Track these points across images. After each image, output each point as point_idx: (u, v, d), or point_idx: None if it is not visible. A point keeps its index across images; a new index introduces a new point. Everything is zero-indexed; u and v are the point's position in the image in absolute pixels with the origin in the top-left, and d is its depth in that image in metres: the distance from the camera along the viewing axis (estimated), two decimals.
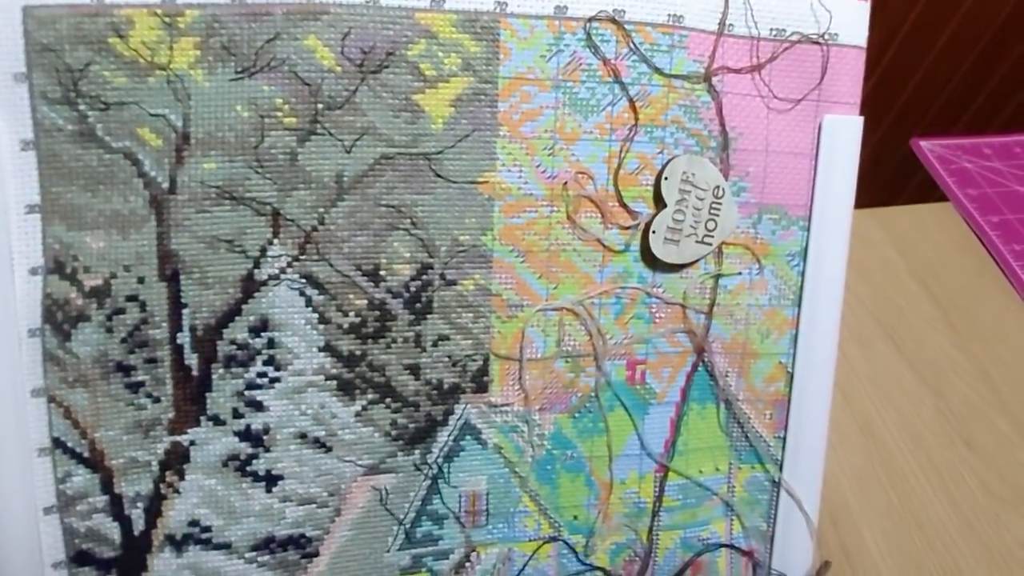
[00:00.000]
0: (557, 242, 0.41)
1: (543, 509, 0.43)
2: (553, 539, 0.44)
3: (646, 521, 0.45)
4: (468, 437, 0.42)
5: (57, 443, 0.37)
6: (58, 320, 0.36)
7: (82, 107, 0.34)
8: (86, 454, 0.38)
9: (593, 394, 0.43)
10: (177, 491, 0.39)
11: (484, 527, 0.43)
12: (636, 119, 0.40)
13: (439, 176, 0.39)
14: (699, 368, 0.44)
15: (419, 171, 0.39)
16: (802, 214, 0.43)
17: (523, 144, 0.40)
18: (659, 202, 0.41)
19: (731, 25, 0.40)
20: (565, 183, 0.40)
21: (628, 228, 0.42)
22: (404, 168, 0.38)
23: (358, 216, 0.38)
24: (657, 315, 0.43)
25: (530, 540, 0.44)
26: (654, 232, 0.41)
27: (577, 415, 0.43)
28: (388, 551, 0.42)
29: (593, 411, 0.43)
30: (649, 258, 0.42)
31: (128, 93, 0.35)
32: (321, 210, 0.38)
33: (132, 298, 0.37)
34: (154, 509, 0.39)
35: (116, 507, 0.38)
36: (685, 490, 0.45)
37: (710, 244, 0.42)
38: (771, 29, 0.41)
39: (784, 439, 0.45)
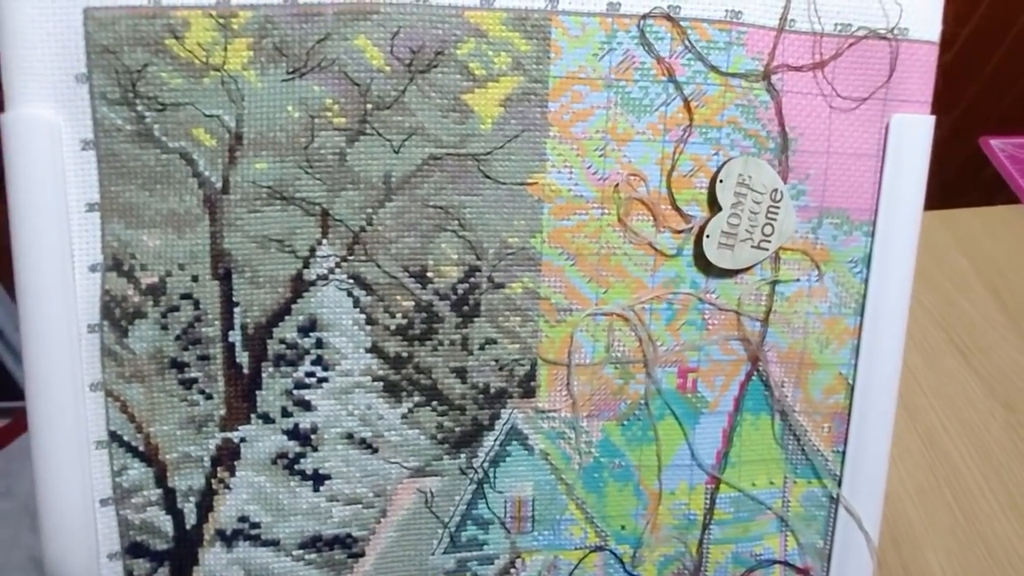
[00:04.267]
0: (608, 245, 0.38)
1: (590, 518, 0.40)
2: (599, 548, 0.41)
3: (696, 534, 0.41)
4: (514, 442, 0.39)
5: (114, 436, 0.36)
6: (116, 316, 0.35)
7: (140, 107, 0.33)
8: (141, 448, 0.36)
9: (643, 401, 0.40)
10: (228, 487, 0.37)
11: (529, 533, 0.40)
12: (691, 119, 0.37)
13: (488, 177, 0.36)
14: (753, 377, 0.40)
15: (467, 172, 0.36)
16: (866, 219, 0.39)
17: (574, 145, 0.37)
18: (714, 205, 0.38)
19: (792, 21, 0.36)
20: (616, 185, 0.37)
21: (681, 232, 0.38)
22: (452, 168, 0.36)
23: (406, 217, 0.36)
24: (710, 322, 0.39)
25: (576, 548, 0.41)
26: (708, 236, 0.38)
27: (626, 423, 0.40)
28: (433, 554, 0.39)
29: (642, 419, 0.40)
30: (703, 263, 0.38)
31: (184, 94, 0.33)
32: (369, 210, 0.36)
33: (186, 296, 0.35)
34: (205, 504, 0.37)
35: (169, 501, 0.37)
36: (737, 503, 0.41)
37: (767, 249, 0.38)
38: (836, 24, 0.37)
39: (843, 453, 0.41)
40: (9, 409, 0.77)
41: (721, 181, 0.37)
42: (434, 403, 0.38)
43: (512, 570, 0.40)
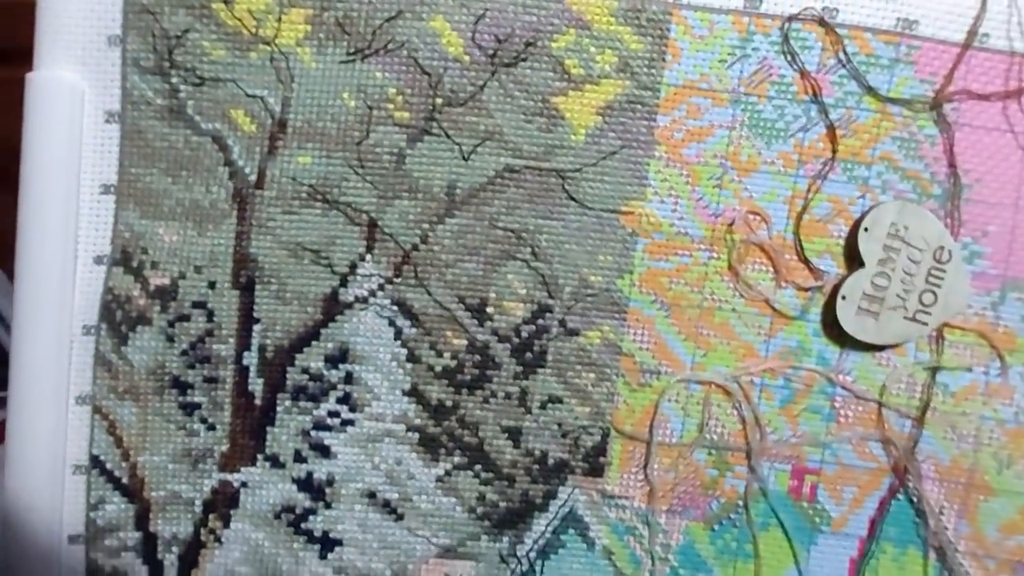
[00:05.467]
0: (713, 297, 0.30)
1: None
2: None
3: None
4: (571, 531, 0.31)
5: (95, 462, 0.30)
6: (117, 319, 0.29)
7: (175, 79, 0.28)
8: (125, 480, 0.30)
9: (741, 503, 0.31)
10: (219, 540, 0.31)
11: None
12: (834, 151, 0.29)
13: (573, 199, 0.29)
14: (899, 496, 0.30)
15: (549, 191, 0.29)
16: None
17: (683, 170, 0.29)
18: (854, 261, 0.29)
19: (985, 36, 0.28)
20: (731, 224, 0.29)
21: (809, 290, 0.30)
22: (531, 185, 0.29)
23: (468, 238, 0.29)
24: (842, 412, 0.30)
25: None
26: (844, 298, 0.29)
27: (717, 527, 0.31)
28: None
29: (739, 526, 0.31)
30: (835, 333, 0.30)
31: (226, 68, 0.28)
32: (425, 226, 0.29)
33: (199, 304, 0.29)
34: (190, 558, 0.31)
35: (148, 548, 0.30)
36: None
37: (925, 324, 0.29)
38: None
39: None
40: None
41: (866, 230, 0.29)
42: (477, 467, 0.30)
43: None
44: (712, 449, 0.30)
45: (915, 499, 0.30)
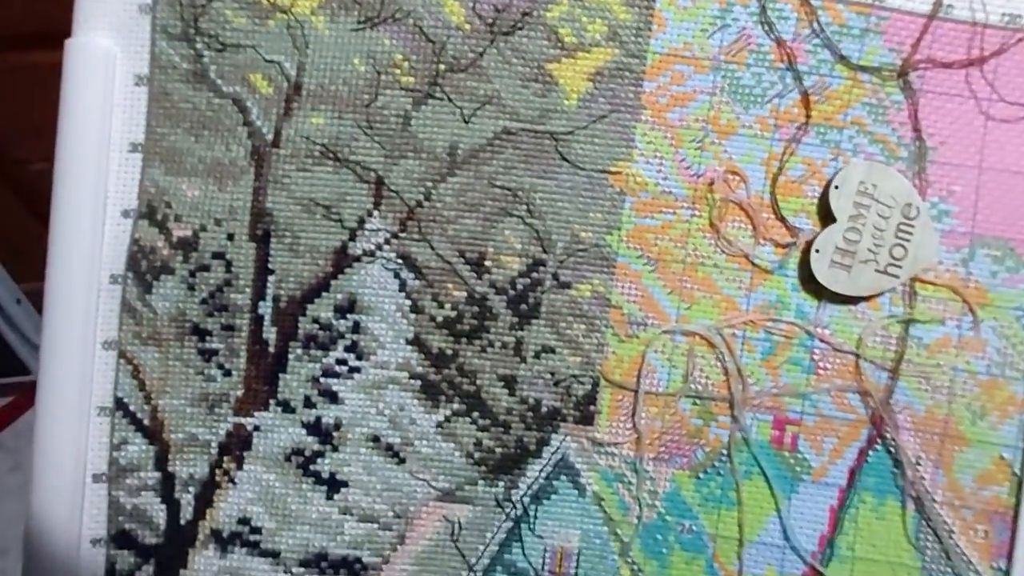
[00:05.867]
0: (695, 253, 0.31)
1: None
2: None
3: None
4: (563, 477, 0.31)
5: (119, 404, 0.31)
6: (142, 269, 0.30)
7: (199, 45, 0.30)
8: (146, 421, 0.31)
9: (725, 452, 0.31)
10: (232, 480, 0.31)
11: None
12: (808, 116, 0.30)
13: (565, 160, 0.30)
14: (877, 446, 0.31)
15: (543, 151, 0.30)
16: None
17: (668, 133, 0.30)
18: (827, 219, 0.30)
19: (949, 7, 0.29)
20: (711, 183, 0.30)
21: (785, 246, 0.31)
22: (527, 146, 0.30)
23: (468, 195, 0.31)
24: (821, 364, 0.31)
25: None
26: (817, 251, 0.30)
27: (702, 475, 0.31)
28: None
29: (723, 474, 0.31)
30: (812, 287, 0.30)
31: (246, 35, 0.30)
32: (429, 184, 0.30)
33: (219, 255, 0.31)
34: (205, 497, 0.31)
35: (167, 487, 0.31)
36: None
37: (896, 276, 0.30)
38: (1003, 15, 0.29)
39: (1007, 572, 0.30)
40: (13, 385, 0.76)
41: (837, 187, 0.30)
42: (475, 414, 0.31)
43: None
44: (697, 399, 0.31)
45: (893, 450, 0.30)
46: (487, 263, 0.31)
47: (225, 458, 0.31)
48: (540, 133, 0.30)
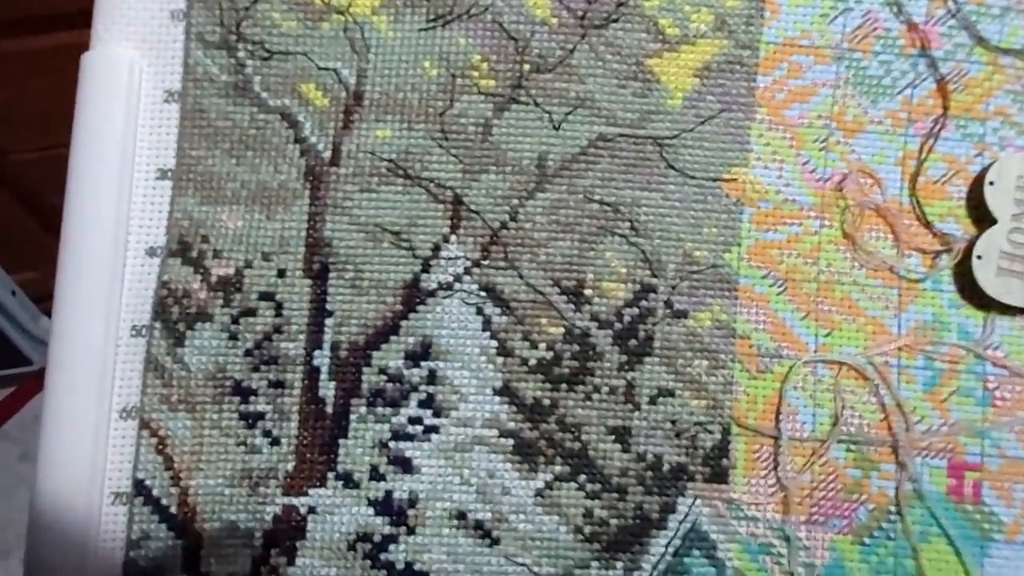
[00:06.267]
0: (830, 269, 0.25)
1: None
2: None
3: None
4: (696, 552, 0.25)
5: (140, 488, 0.24)
6: (172, 317, 0.24)
7: (241, 54, 0.24)
8: (173, 509, 0.24)
9: (893, 509, 0.24)
10: None
11: None
12: (945, 108, 0.25)
13: (672, 168, 0.25)
14: None
15: (646, 159, 0.25)
16: None
17: (787, 133, 0.25)
18: (983, 220, 0.25)
19: None
20: (841, 186, 0.25)
21: (936, 254, 0.25)
22: (627, 154, 0.25)
23: (562, 213, 0.25)
24: (998, 394, 0.25)
25: None
26: (980, 258, 0.24)
27: (868, 540, 0.24)
28: None
29: (894, 537, 0.24)
30: (976, 300, 0.25)
31: (296, 40, 0.25)
32: (515, 202, 0.25)
33: (267, 296, 0.24)
34: None
35: None
36: None
37: None
38: None
39: None
40: (16, 376, 0.72)
41: (992, 183, 0.25)
42: (582, 477, 0.24)
43: None
44: (852, 444, 0.24)
45: None
46: (587, 292, 0.25)
47: (272, 551, 0.24)
48: (641, 138, 0.25)
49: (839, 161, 0.26)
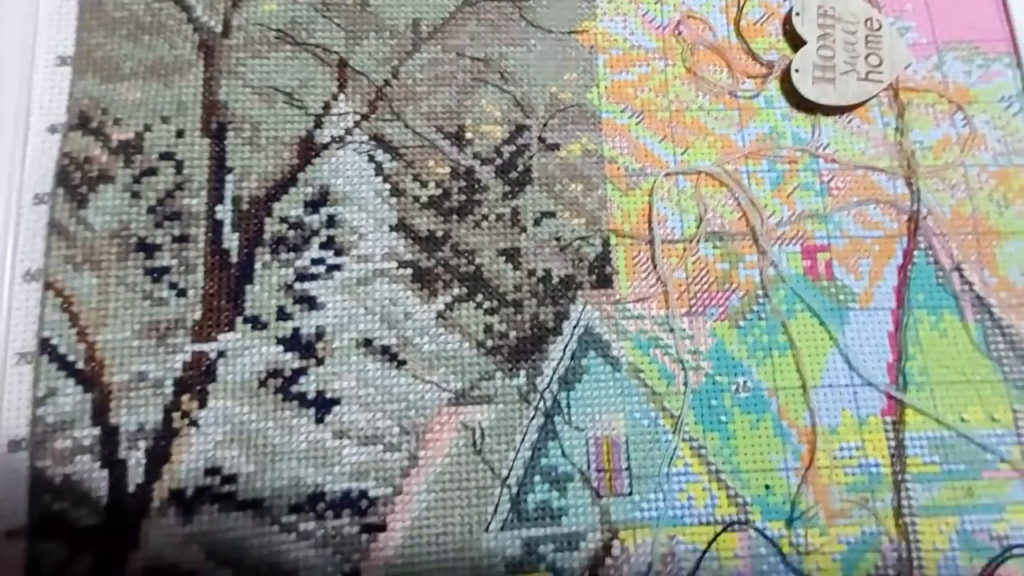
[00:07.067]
0: (678, 99, 0.26)
1: (714, 471, 0.23)
2: (738, 524, 0.23)
3: (887, 498, 0.23)
4: (592, 352, 0.24)
5: (45, 346, 0.22)
6: (74, 182, 0.23)
7: None
8: (80, 364, 0.22)
9: (761, 292, 0.25)
10: (195, 423, 0.22)
11: (626, 497, 0.23)
12: None
13: (532, 25, 0.26)
14: (915, 260, 0.25)
15: (509, 19, 0.26)
16: (1004, 49, 0.27)
17: None
18: (797, 47, 0.27)
19: None
20: (679, 30, 0.27)
21: (764, 78, 0.27)
22: (491, 16, 0.26)
23: (439, 69, 0.25)
24: (833, 185, 0.25)
25: (701, 523, 0.23)
26: (797, 71, 0.26)
27: (743, 323, 0.24)
28: (487, 530, 0.22)
29: (765, 317, 0.24)
30: (803, 108, 0.26)
31: None
32: (395, 62, 0.25)
33: (167, 156, 0.24)
34: (160, 452, 0.22)
35: (109, 446, 0.22)
36: (943, 447, 0.23)
37: (880, 80, 0.26)
38: None
39: None
40: None
41: (798, 14, 0.26)
42: (479, 297, 0.24)
43: (608, 559, 0.22)
44: (718, 241, 0.25)
45: (932, 260, 0.24)
46: (468, 135, 0.25)
47: (184, 397, 0.23)
48: (502, 1, 0.27)
49: (673, 12, 0.27)
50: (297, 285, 0.23)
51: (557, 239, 0.24)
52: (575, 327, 0.24)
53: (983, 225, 0.25)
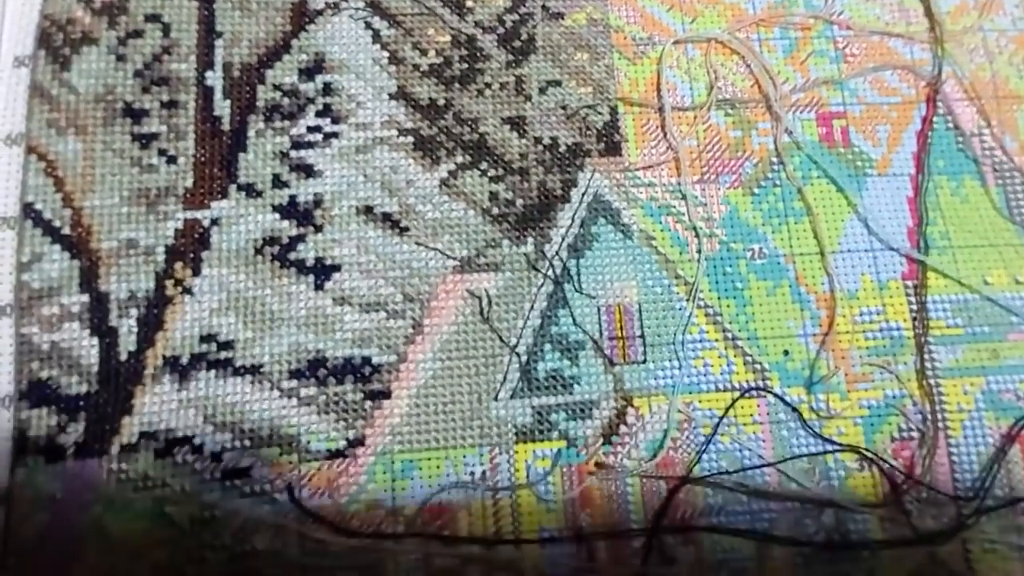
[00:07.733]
0: None
1: (731, 338, 0.22)
2: (756, 390, 0.22)
3: (910, 361, 0.22)
4: (602, 220, 0.23)
5: (29, 211, 0.21)
6: (56, 44, 0.22)
7: None
8: (66, 230, 0.21)
9: (775, 159, 0.24)
10: (188, 290, 0.21)
11: (641, 364, 0.22)
12: None
13: None
14: (935, 124, 0.24)
15: None
16: None
17: None
18: None
19: None
20: None
21: None
22: None
23: None
24: (848, 51, 0.25)
25: (717, 390, 0.22)
26: None
27: (757, 190, 0.23)
28: (496, 398, 0.21)
29: (780, 184, 0.24)
30: None
31: None
32: None
33: (154, 18, 0.23)
34: (152, 319, 0.21)
35: (99, 313, 0.21)
36: (967, 309, 0.22)
37: None
38: None
39: None
40: None
41: None
42: (484, 165, 0.23)
43: (622, 426, 0.22)
44: (730, 108, 0.24)
45: (951, 124, 0.24)
46: (468, 3, 0.24)
47: (176, 264, 0.22)
48: None
49: None
50: (293, 153, 0.22)
51: (563, 107, 0.23)
52: (584, 194, 0.23)
53: (1003, 89, 0.24)
